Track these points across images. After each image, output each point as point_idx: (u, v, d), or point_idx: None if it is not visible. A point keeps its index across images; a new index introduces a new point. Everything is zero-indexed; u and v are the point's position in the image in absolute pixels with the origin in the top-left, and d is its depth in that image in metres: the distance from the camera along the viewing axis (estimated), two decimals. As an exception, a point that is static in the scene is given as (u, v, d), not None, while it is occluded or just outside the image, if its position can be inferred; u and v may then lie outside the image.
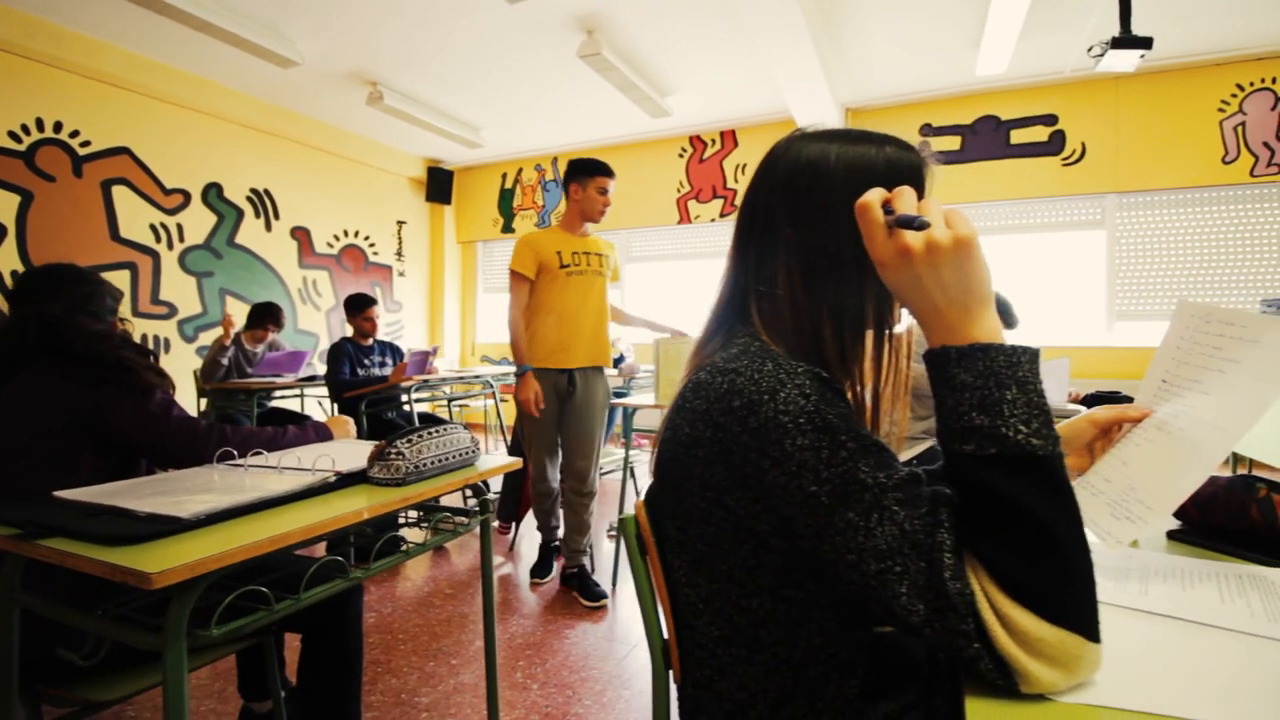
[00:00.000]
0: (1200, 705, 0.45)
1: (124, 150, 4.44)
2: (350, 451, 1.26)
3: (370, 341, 3.69)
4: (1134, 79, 4.52)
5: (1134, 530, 0.69)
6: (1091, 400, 2.17)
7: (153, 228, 4.64)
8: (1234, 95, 4.35)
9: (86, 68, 4.11)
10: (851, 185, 0.69)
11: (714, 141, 5.94)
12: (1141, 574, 0.70)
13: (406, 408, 3.46)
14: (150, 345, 4.62)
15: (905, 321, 0.76)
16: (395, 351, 3.79)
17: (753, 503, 0.61)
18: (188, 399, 4.13)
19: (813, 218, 0.70)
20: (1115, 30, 3.26)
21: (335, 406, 3.52)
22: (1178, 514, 0.89)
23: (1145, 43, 3.11)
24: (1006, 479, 0.50)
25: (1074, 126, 4.73)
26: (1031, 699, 0.46)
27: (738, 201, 5.63)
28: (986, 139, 4.99)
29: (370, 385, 3.32)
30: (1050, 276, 4.98)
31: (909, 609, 0.50)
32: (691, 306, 5.86)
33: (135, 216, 4.52)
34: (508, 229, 6.95)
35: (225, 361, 3.76)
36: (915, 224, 0.55)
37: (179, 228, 4.80)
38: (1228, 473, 2.20)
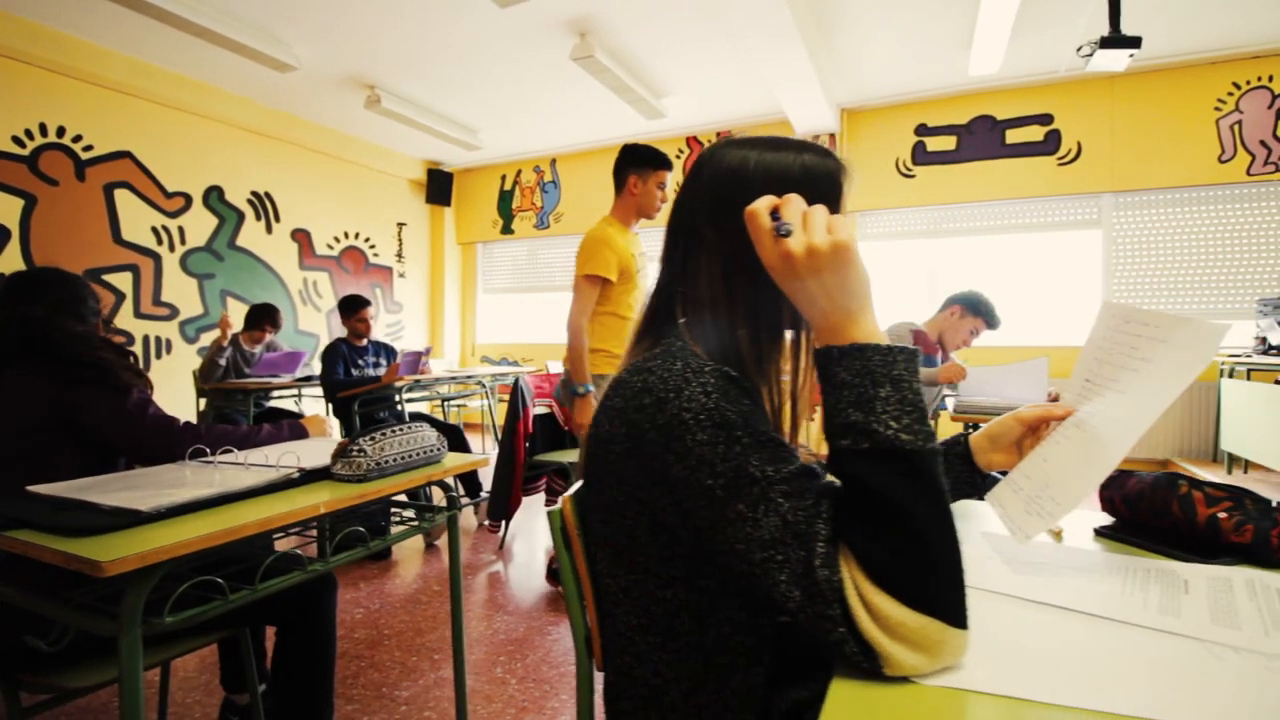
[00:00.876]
0: (1061, 690, 0.47)
1: (126, 154, 4.51)
2: (319, 449, 1.30)
3: (365, 342, 3.73)
4: (1129, 78, 4.51)
5: (1042, 525, 0.71)
6: (1070, 400, 2.18)
7: (154, 230, 4.71)
8: (1230, 93, 4.33)
9: (89, 73, 4.18)
10: (767, 190, 0.72)
11: (710, 142, 5.94)
12: (1056, 569, 0.72)
13: (400, 408, 3.50)
14: (152, 346, 4.70)
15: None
16: (390, 352, 3.83)
17: (661, 496, 0.63)
18: (187, 399, 4.19)
19: (731, 222, 0.73)
20: (1107, 29, 3.27)
21: (330, 406, 3.56)
22: (1109, 510, 0.90)
23: (1134, 42, 3.11)
24: (876, 472, 0.52)
25: (1069, 126, 4.72)
26: (896, 681, 0.49)
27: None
28: (982, 139, 4.98)
29: (363, 385, 3.37)
30: (1046, 276, 4.97)
31: (787, 595, 0.52)
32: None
33: (137, 219, 4.60)
34: (507, 230, 7.00)
35: (223, 362, 3.81)
36: (779, 231, 0.57)
37: (180, 230, 4.87)
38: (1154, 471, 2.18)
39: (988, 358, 4.85)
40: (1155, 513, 0.83)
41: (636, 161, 2.28)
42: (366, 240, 6.46)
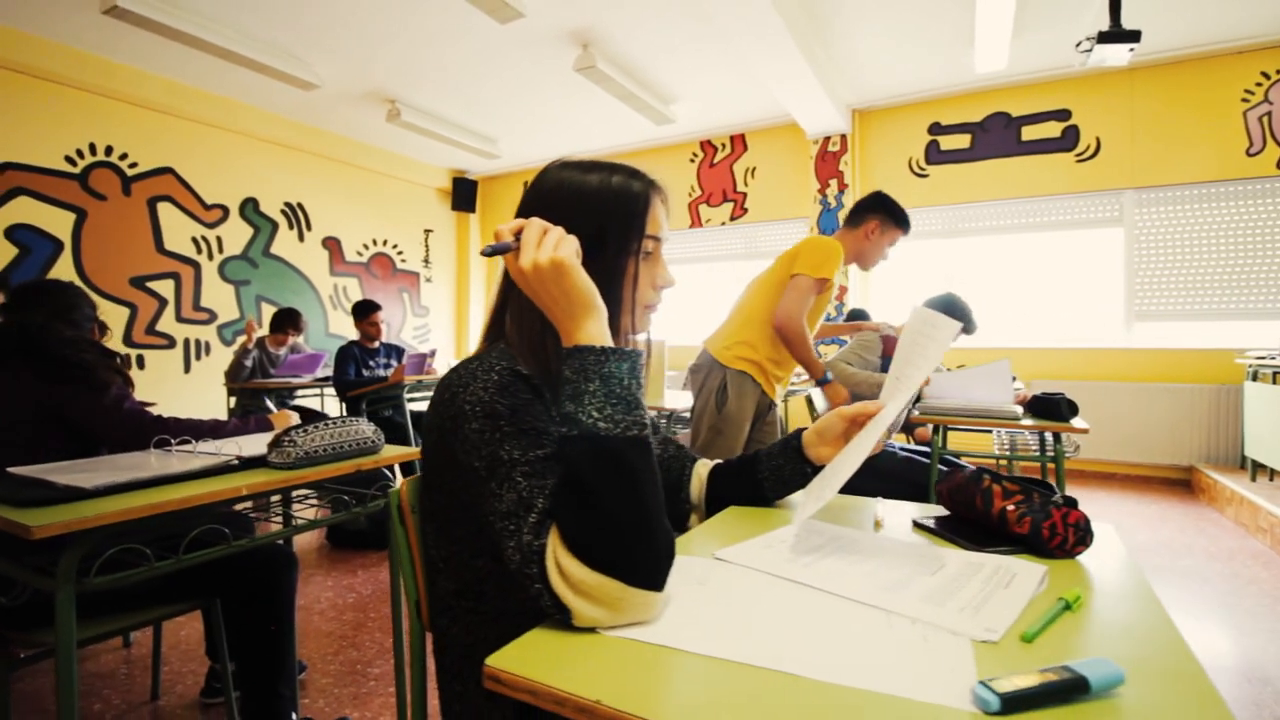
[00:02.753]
0: (730, 647, 0.53)
1: (168, 170, 4.86)
2: (264, 440, 1.43)
3: (376, 344, 3.93)
4: (1150, 70, 4.37)
5: (813, 506, 0.78)
6: (1036, 401, 2.16)
7: (194, 240, 5.05)
8: (1259, 84, 4.15)
9: (133, 96, 4.53)
10: (572, 208, 0.81)
11: (724, 146, 6.00)
12: (838, 550, 0.77)
13: (404, 406, 3.68)
14: (192, 349, 5.03)
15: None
16: (400, 354, 4.03)
17: (458, 477, 0.72)
18: (219, 397, 4.49)
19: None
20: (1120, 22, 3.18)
21: (344, 405, 3.78)
22: (942, 503, 0.95)
23: (1133, 36, 3.04)
24: (577, 454, 0.61)
25: (1087, 121, 4.59)
26: (583, 631, 0.57)
27: (747, 205, 5.67)
28: (997, 136, 4.89)
29: (371, 385, 3.56)
30: (1066, 276, 4.83)
31: (510, 558, 0.61)
32: (704, 309, 5.93)
33: (178, 230, 4.94)
34: (529, 235, 7.18)
35: (249, 363, 4.08)
36: (504, 250, 0.67)
37: (218, 240, 5.20)
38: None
39: (1017, 361, 4.75)
40: (967, 505, 0.87)
41: (888, 212, 2.24)
42: (394, 247, 6.74)
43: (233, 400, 4.39)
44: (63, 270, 4.29)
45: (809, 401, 2.56)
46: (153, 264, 4.80)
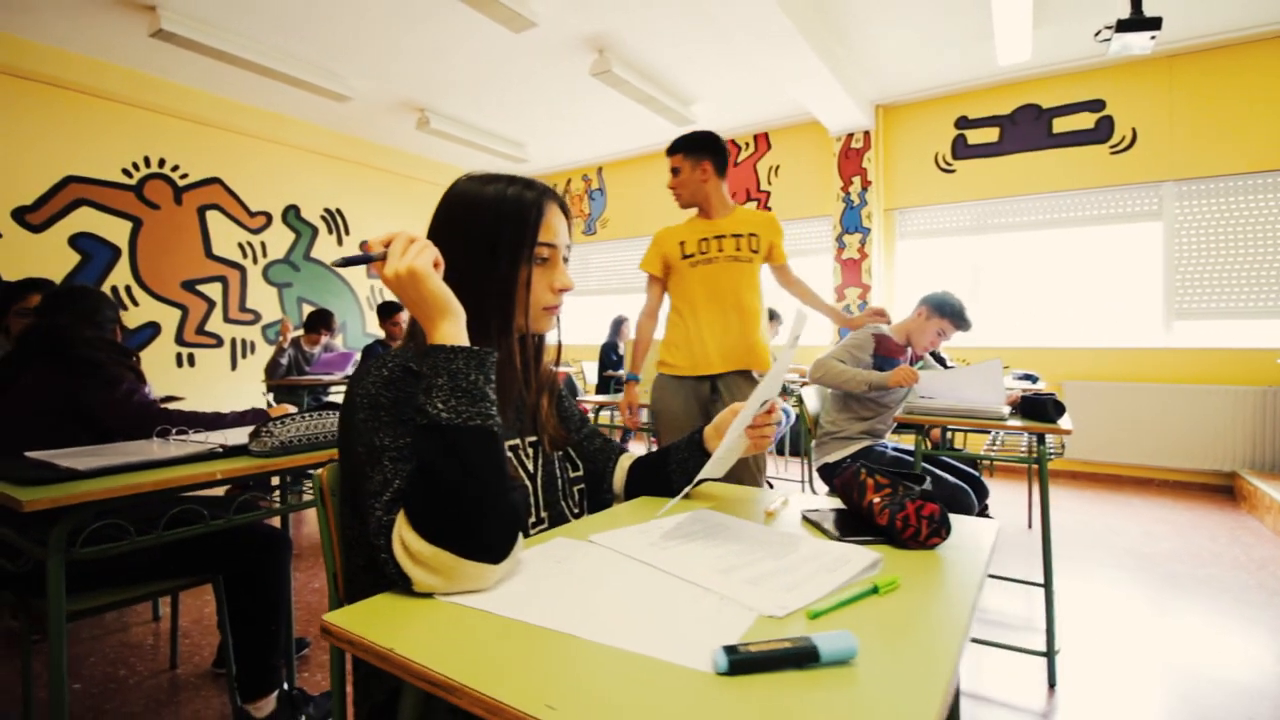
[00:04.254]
0: (549, 615, 0.59)
1: (216, 180, 5.18)
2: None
3: (399, 344, 4.11)
4: (1190, 56, 4.17)
5: (675, 498, 0.83)
6: (1025, 403, 2.12)
7: (240, 246, 5.37)
8: (1310, 67, 3.91)
9: (183, 111, 4.85)
10: (470, 218, 0.88)
11: (747, 145, 6.00)
12: (705, 537, 0.82)
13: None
14: (238, 347, 5.35)
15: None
16: (422, 352, 4.19)
17: (351, 462, 0.81)
18: (260, 392, 4.78)
19: (447, 242, 0.89)
20: (1146, 8, 3.06)
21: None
22: (837, 495, 0.98)
23: (1153, 23, 2.92)
24: (422, 440, 0.68)
25: (1122, 111, 4.41)
26: (422, 596, 0.64)
27: (770, 204, 5.66)
28: (1027, 129, 4.74)
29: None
30: (1101, 273, 4.65)
31: (370, 532, 0.69)
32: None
33: (226, 236, 5.26)
34: (558, 237, 7.33)
35: (284, 361, 4.32)
36: (364, 260, 0.74)
37: (262, 245, 5.51)
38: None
39: (1042, 360, 4.63)
40: (849, 499, 0.91)
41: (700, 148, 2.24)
42: (429, 249, 6.98)
43: (270, 395, 4.65)
44: (120, 275, 4.63)
45: (800, 400, 2.57)
46: (202, 268, 5.13)
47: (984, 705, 1.80)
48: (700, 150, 2.22)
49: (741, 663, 0.49)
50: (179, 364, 4.99)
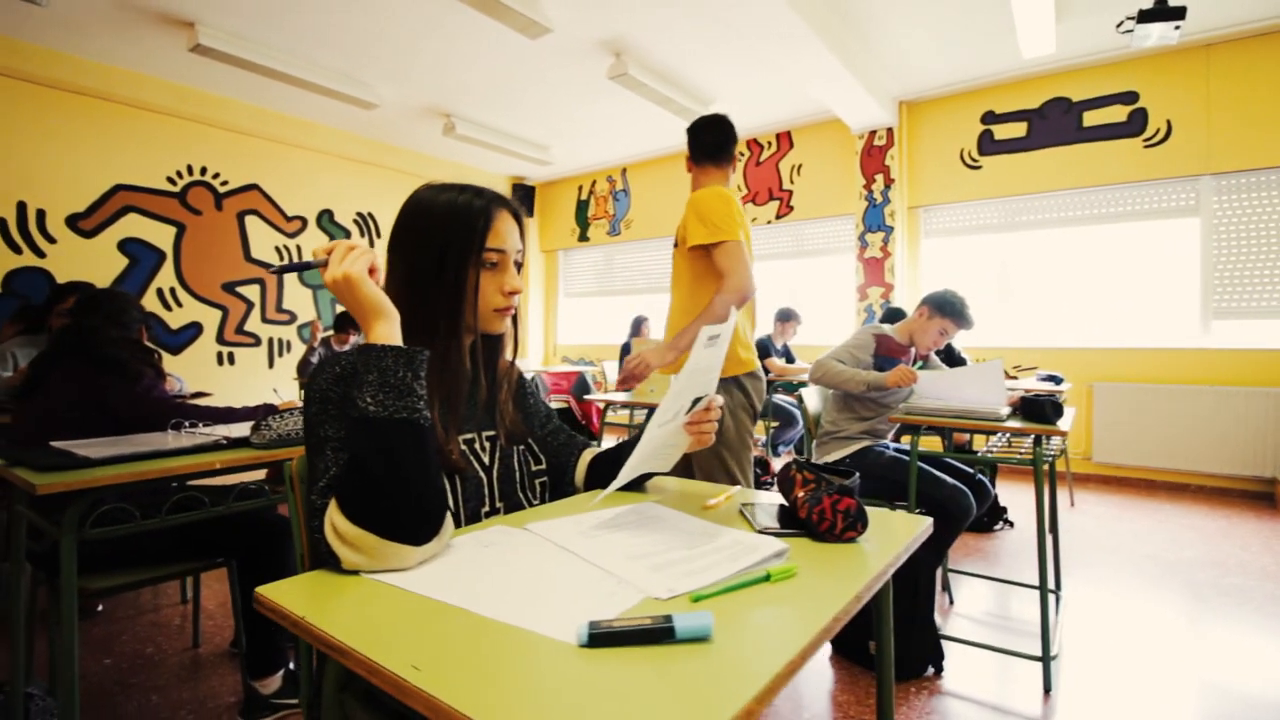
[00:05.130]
0: (463, 596, 0.65)
1: (254, 186, 5.42)
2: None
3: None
4: (1228, 45, 4.01)
5: (612, 488, 0.87)
6: (1025, 404, 2.08)
7: (277, 249, 5.60)
8: (1360, 53, 3.71)
9: (222, 121, 5.09)
10: (423, 225, 0.95)
11: (770, 144, 5.97)
12: (635, 527, 0.86)
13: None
14: (275, 347, 5.58)
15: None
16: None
17: (308, 449, 0.88)
18: (293, 390, 4.98)
19: (403, 248, 0.96)
20: None
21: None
22: (779, 489, 1.01)
23: (1177, 13, 2.83)
24: (353, 432, 0.74)
25: (1157, 103, 4.26)
26: (349, 573, 0.70)
27: (793, 203, 5.64)
28: (1056, 123, 4.62)
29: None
30: (1134, 271, 4.50)
31: (306, 513, 0.75)
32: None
33: (263, 240, 5.50)
34: (583, 238, 7.43)
35: (314, 360, 4.50)
36: (304, 268, 0.80)
37: (298, 248, 5.74)
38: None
39: (1071, 361, 4.51)
40: (785, 494, 0.94)
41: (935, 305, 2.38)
42: (458, 251, 7.15)
43: (302, 392, 4.85)
44: (165, 278, 4.89)
45: (800, 400, 2.57)
46: (241, 271, 5.37)
47: (977, 708, 1.79)
48: (690, 134, 2.18)
49: (601, 636, 0.53)
50: (219, 362, 5.24)
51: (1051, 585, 2.52)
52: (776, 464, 4.54)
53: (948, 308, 2.41)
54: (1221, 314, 4.17)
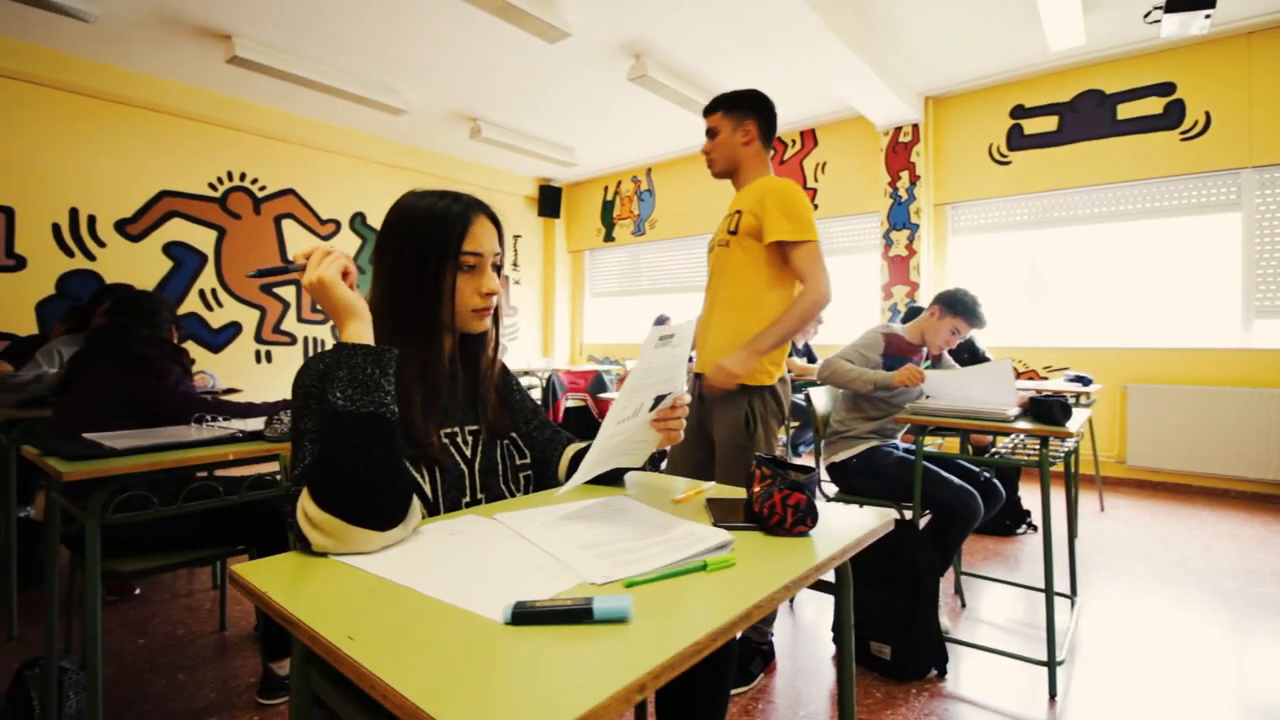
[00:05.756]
0: (416, 578, 0.69)
1: (290, 191, 5.63)
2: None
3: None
4: (1272, 33, 3.84)
5: (571, 485, 0.91)
6: (1034, 405, 2.05)
7: (312, 251, 5.79)
8: None
9: (260, 129, 5.30)
10: (405, 230, 1.00)
11: (794, 142, 5.94)
12: (598, 519, 0.90)
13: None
14: (311, 345, 5.78)
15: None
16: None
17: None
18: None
19: (385, 250, 1.01)
20: None
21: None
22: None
23: (1206, 2, 2.74)
24: (324, 424, 0.79)
25: (1195, 95, 4.10)
26: (318, 555, 0.75)
27: (818, 201, 5.59)
28: (1089, 116, 4.49)
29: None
30: (1171, 268, 4.35)
31: (281, 499, 0.81)
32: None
33: (299, 242, 5.70)
34: (609, 238, 7.49)
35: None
36: (281, 271, 0.86)
37: (332, 250, 5.93)
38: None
39: (1105, 361, 4.39)
40: (747, 489, 0.96)
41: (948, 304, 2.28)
42: (486, 252, 7.29)
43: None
44: (206, 279, 5.12)
45: (808, 400, 2.57)
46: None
47: (978, 711, 1.78)
48: (743, 107, 1.92)
49: (523, 615, 0.57)
50: (257, 360, 5.45)
51: (1066, 590, 2.48)
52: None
53: (959, 306, 2.38)
54: (1265, 313, 4.00)
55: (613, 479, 1.14)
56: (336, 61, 4.49)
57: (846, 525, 0.89)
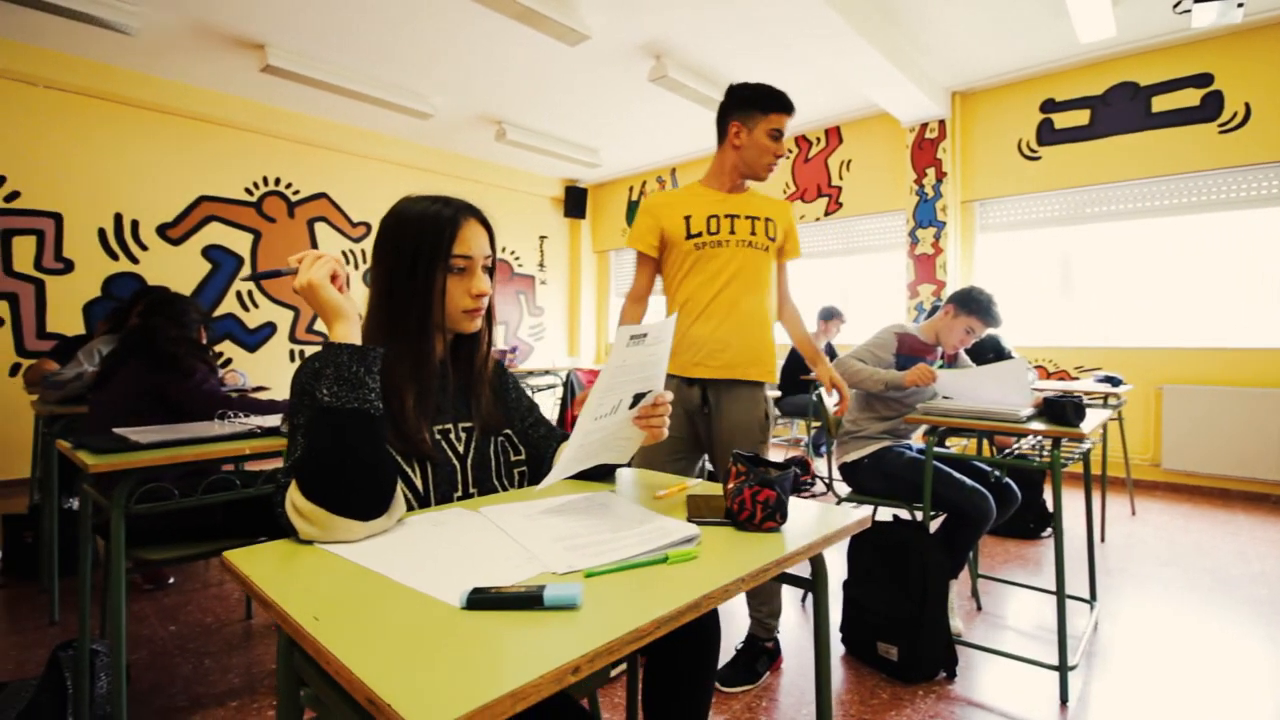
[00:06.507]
0: (395, 567, 0.73)
1: (323, 195, 5.79)
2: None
3: (469, 341, 4.44)
4: (1318, 18, 3.68)
5: (548, 480, 0.94)
6: (1048, 405, 2.01)
7: (345, 253, 5.97)
8: None
9: (293, 135, 5.47)
10: (398, 233, 1.04)
11: (819, 140, 5.88)
12: (577, 513, 0.92)
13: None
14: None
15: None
16: (489, 350, 4.51)
17: None
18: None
19: (381, 253, 1.06)
20: None
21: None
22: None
23: (1239, -11, 2.64)
24: (312, 418, 0.84)
25: (1233, 85, 3.95)
26: (304, 543, 0.80)
27: (842, 199, 5.55)
28: (1122, 110, 4.36)
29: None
30: (1210, 265, 4.20)
31: (273, 490, 0.85)
32: (800, 305, 5.86)
33: (331, 245, 5.87)
34: (633, 238, 7.52)
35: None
36: (274, 275, 0.90)
37: (363, 252, 6.09)
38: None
39: (1139, 361, 4.27)
40: (724, 485, 0.98)
41: (740, 104, 1.84)
42: (512, 253, 7.40)
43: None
44: (243, 281, 5.30)
45: (820, 399, 2.56)
46: (310, 274, 5.74)
47: (985, 714, 1.76)
48: (750, 105, 1.85)
49: (478, 600, 0.60)
50: (291, 359, 5.63)
51: (1085, 594, 2.42)
52: (818, 464, 4.48)
53: (973, 305, 2.35)
54: (1310, 311, 3.83)
55: (603, 475, 1.17)
56: (365, 69, 4.61)
57: (820, 523, 0.90)
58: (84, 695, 1.58)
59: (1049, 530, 3.33)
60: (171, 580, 2.69)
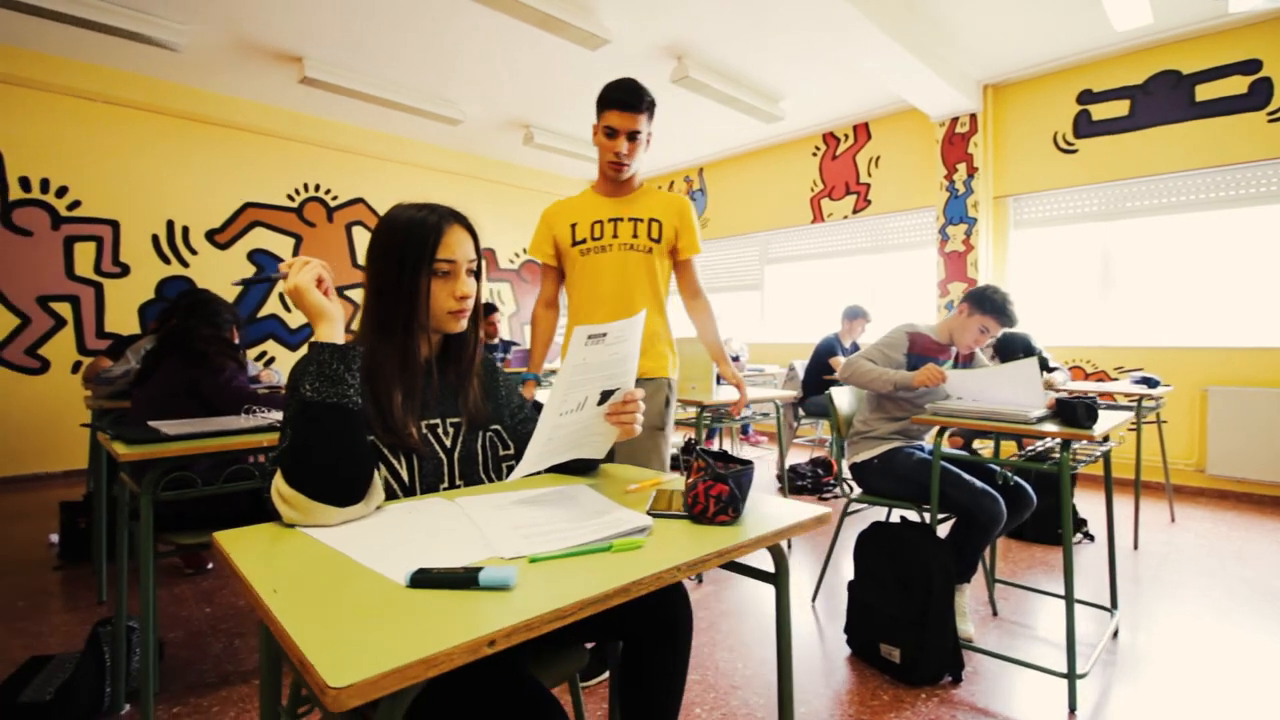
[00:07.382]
0: (368, 552, 0.79)
1: (360, 200, 6.00)
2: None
3: (496, 341, 4.55)
4: (1377, -2, 3.47)
5: (516, 473, 0.99)
6: (1061, 405, 1.96)
7: (379, 255, 6.16)
8: None
9: (332, 142, 5.69)
10: (386, 239, 1.11)
11: (846, 137, 5.82)
12: (545, 504, 0.97)
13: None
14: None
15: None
16: (509, 348, 4.61)
17: None
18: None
19: (371, 258, 1.13)
20: None
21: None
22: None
23: (1280, -27, 2.52)
24: (294, 411, 0.90)
25: (1285, 71, 3.76)
26: (288, 527, 0.86)
27: (871, 197, 5.48)
28: (1163, 99, 4.19)
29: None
30: (1260, 261, 4.00)
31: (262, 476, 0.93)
32: (828, 305, 5.82)
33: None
34: (662, 238, 7.55)
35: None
36: (264, 279, 0.97)
37: (397, 254, 6.28)
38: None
39: (1181, 362, 4.12)
40: (685, 479, 1.01)
41: (596, 104, 1.87)
42: (542, 253, 7.51)
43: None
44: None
45: (830, 399, 2.55)
46: (349, 276, 5.97)
47: (989, 720, 1.74)
48: (598, 106, 1.88)
49: (420, 579, 0.65)
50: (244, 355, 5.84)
51: (1106, 602, 2.36)
52: (843, 466, 4.44)
53: (987, 304, 2.31)
54: (1369, 309, 3.62)
55: (585, 469, 1.22)
56: (397, 78, 4.77)
57: (776, 518, 0.92)
58: (120, 667, 1.71)
59: (1079, 536, 3.24)
60: (210, 565, 2.85)
